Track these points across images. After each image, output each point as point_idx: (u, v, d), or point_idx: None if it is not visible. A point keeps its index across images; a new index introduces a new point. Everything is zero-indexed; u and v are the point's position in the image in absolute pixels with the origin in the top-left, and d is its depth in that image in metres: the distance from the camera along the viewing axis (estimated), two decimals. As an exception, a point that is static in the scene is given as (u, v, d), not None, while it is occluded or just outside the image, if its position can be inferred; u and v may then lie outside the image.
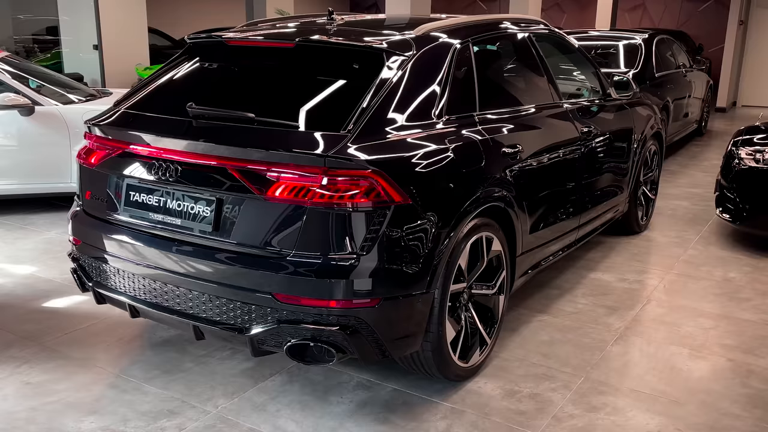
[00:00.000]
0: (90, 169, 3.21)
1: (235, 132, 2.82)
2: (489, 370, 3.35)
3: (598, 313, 4.07)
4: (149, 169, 2.94)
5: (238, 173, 2.71)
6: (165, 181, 2.89)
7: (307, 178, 2.61)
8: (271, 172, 2.65)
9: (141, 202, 2.99)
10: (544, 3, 16.75)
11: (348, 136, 2.69)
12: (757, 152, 5.10)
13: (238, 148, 2.73)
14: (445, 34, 3.35)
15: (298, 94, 3.03)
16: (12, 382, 3.19)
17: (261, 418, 2.93)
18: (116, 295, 3.13)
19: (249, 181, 2.68)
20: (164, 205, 2.92)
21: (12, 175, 5.76)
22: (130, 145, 3.02)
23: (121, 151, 3.07)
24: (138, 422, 2.89)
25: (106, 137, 3.14)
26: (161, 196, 2.93)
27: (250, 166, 2.69)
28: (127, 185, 3.04)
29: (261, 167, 2.67)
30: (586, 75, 4.88)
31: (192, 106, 2.91)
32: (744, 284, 4.58)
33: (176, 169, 2.86)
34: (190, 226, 2.84)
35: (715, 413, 3.03)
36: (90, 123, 3.24)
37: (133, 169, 3.01)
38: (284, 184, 2.63)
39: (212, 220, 2.78)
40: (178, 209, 2.88)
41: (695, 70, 9.85)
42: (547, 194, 3.78)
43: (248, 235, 2.73)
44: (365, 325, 2.68)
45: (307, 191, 2.60)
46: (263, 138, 2.77)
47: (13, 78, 5.81)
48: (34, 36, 12.07)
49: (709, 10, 16.05)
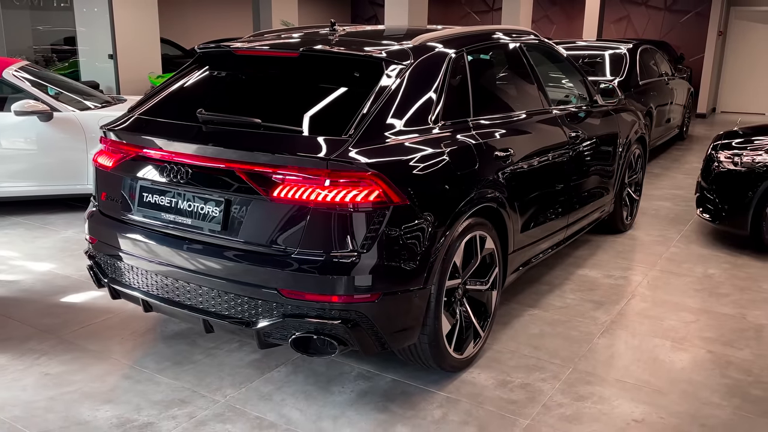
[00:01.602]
0: (106, 172, 3.21)
1: (243, 136, 2.82)
2: (482, 362, 3.35)
3: (585, 307, 4.07)
4: (161, 171, 2.94)
5: (245, 175, 2.70)
6: (176, 183, 2.89)
7: (311, 180, 2.61)
8: (276, 175, 2.65)
9: (153, 203, 2.99)
10: (535, 14, 16.76)
11: (349, 140, 2.69)
12: (735, 156, 5.10)
13: (245, 152, 2.73)
14: (441, 44, 3.35)
15: (302, 100, 3.02)
16: (32, 373, 3.19)
17: (267, 407, 2.93)
18: (130, 291, 3.13)
19: (256, 183, 2.68)
20: (176, 206, 2.91)
21: (32, 177, 5.75)
22: (144, 149, 3.02)
23: (135, 155, 3.06)
24: (151, 411, 2.89)
25: (121, 141, 3.14)
26: (173, 197, 2.93)
27: (257, 168, 2.69)
28: (141, 187, 3.04)
29: (267, 170, 2.67)
30: (574, 83, 4.88)
31: (202, 112, 2.91)
32: (723, 280, 4.58)
33: (187, 171, 2.85)
34: (200, 225, 2.84)
35: (696, 402, 3.03)
36: (105, 128, 3.23)
37: (146, 172, 3.01)
38: (289, 185, 2.63)
39: (221, 219, 2.77)
40: (189, 209, 2.87)
41: (677, 78, 9.85)
42: (537, 195, 3.77)
43: (255, 234, 2.72)
44: (366, 319, 2.68)
45: (310, 192, 2.60)
46: (269, 142, 2.76)
47: (33, 86, 5.81)
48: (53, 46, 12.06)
49: (690, 22, 16.05)
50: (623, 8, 16.77)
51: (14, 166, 5.68)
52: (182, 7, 15.16)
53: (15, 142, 5.68)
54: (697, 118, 13.96)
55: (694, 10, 15.92)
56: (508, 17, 10.72)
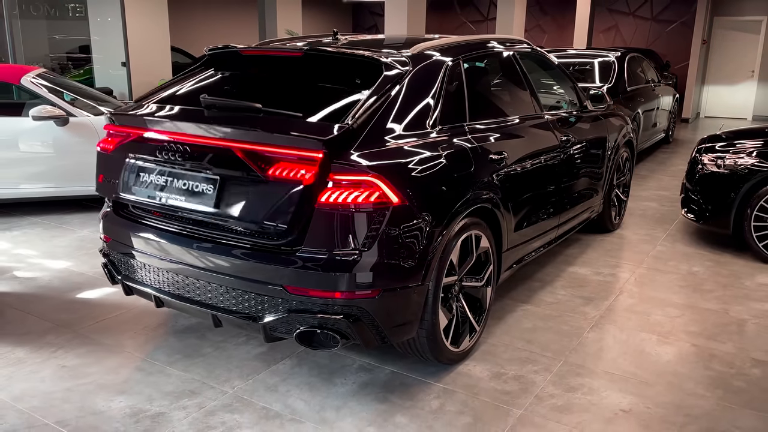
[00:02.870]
0: (106, 155, 3.17)
1: (243, 120, 2.78)
2: (478, 355, 3.35)
3: (575, 303, 4.07)
4: (160, 151, 2.91)
5: (241, 153, 2.68)
6: (174, 162, 2.86)
7: (306, 160, 2.58)
8: (271, 154, 2.63)
9: (151, 182, 2.95)
10: (527, 24, 16.76)
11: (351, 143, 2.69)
12: (718, 158, 5.10)
13: (243, 131, 2.70)
14: (438, 52, 3.35)
15: (305, 103, 3.02)
16: (49, 365, 3.19)
17: (273, 398, 2.93)
18: (142, 287, 3.13)
19: (251, 162, 2.65)
20: (172, 186, 2.88)
21: (49, 179, 5.75)
22: (146, 131, 2.98)
23: (136, 137, 3.03)
24: (162, 401, 2.89)
25: (124, 125, 3.10)
26: (169, 176, 2.90)
27: (253, 147, 2.66)
28: (138, 167, 3.01)
29: (263, 149, 2.64)
30: (565, 89, 4.88)
31: (205, 97, 2.89)
32: (707, 277, 4.59)
33: (186, 150, 2.82)
34: (194, 204, 2.81)
35: (681, 393, 3.03)
36: (112, 113, 3.19)
37: (145, 151, 2.97)
38: (283, 167, 2.59)
39: (214, 197, 2.75)
40: (184, 188, 2.84)
41: (663, 85, 9.85)
42: (530, 196, 3.77)
43: (248, 213, 2.70)
44: (367, 314, 2.68)
45: (304, 174, 2.57)
46: (267, 123, 2.73)
47: (50, 92, 5.81)
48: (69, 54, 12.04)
49: (675, 31, 16.05)
50: (612, 18, 16.77)
51: (32, 168, 5.69)
52: (191, 17, 15.17)
53: (33, 145, 5.68)
54: (682, 122, 13.96)
55: (680, 20, 15.92)
56: (502, 27, 10.72)
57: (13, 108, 6.12)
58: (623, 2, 16.56)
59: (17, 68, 6.24)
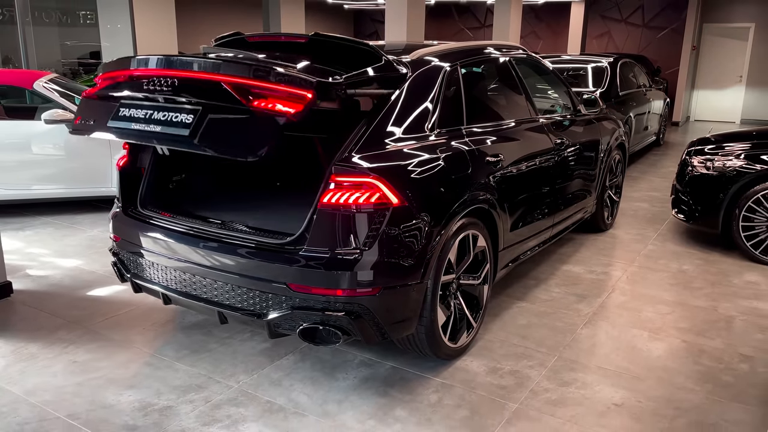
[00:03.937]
0: (90, 99, 3.01)
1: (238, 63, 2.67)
2: (475, 350, 3.35)
3: (569, 300, 4.07)
4: (144, 85, 2.77)
5: (230, 86, 2.56)
6: (157, 91, 2.72)
7: (296, 95, 2.50)
8: (259, 89, 2.53)
9: (129, 116, 2.81)
10: (523, 30, 16.76)
11: (352, 146, 2.69)
12: (707, 161, 5.10)
13: (235, 66, 2.59)
14: (436, 58, 3.35)
15: None
16: (61, 360, 3.19)
17: (277, 392, 2.93)
18: (151, 285, 3.13)
19: (238, 94, 2.53)
20: (151, 117, 2.74)
21: (60, 180, 5.76)
22: (134, 71, 2.83)
23: (123, 78, 2.89)
24: (170, 395, 2.89)
25: (112, 69, 2.95)
26: (150, 109, 2.77)
27: (241, 81, 2.54)
28: (120, 103, 2.87)
29: (251, 83, 2.53)
30: (559, 93, 4.88)
31: (206, 46, 2.82)
32: (696, 275, 4.58)
33: (168, 81, 2.69)
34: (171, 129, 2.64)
35: (671, 387, 3.03)
36: (102, 67, 3.06)
37: (129, 88, 2.85)
38: (272, 101, 2.49)
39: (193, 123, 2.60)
40: (164, 119, 2.70)
41: (654, 89, 9.84)
42: (525, 197, 3.77)
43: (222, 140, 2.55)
44: (367, 311, 2.68)
45: (289, 105, 2.48)
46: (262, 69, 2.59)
47: (61, 96, 5.81)
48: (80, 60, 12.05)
49: (666, 37, 16.04)
50: (604, 25, 16.76)
51: (44, 170, 5.69)
52: (198, 24, 15.18)
53: (45, 148, 5.68)
54: (673, 126, 13.95)
55: (670, 26, 15.91)
56: (499, 33, 10.71)
57: (26, 112, 6.13)
58: (616, 9, 16.56)
59: (30, 73, 6.25)
